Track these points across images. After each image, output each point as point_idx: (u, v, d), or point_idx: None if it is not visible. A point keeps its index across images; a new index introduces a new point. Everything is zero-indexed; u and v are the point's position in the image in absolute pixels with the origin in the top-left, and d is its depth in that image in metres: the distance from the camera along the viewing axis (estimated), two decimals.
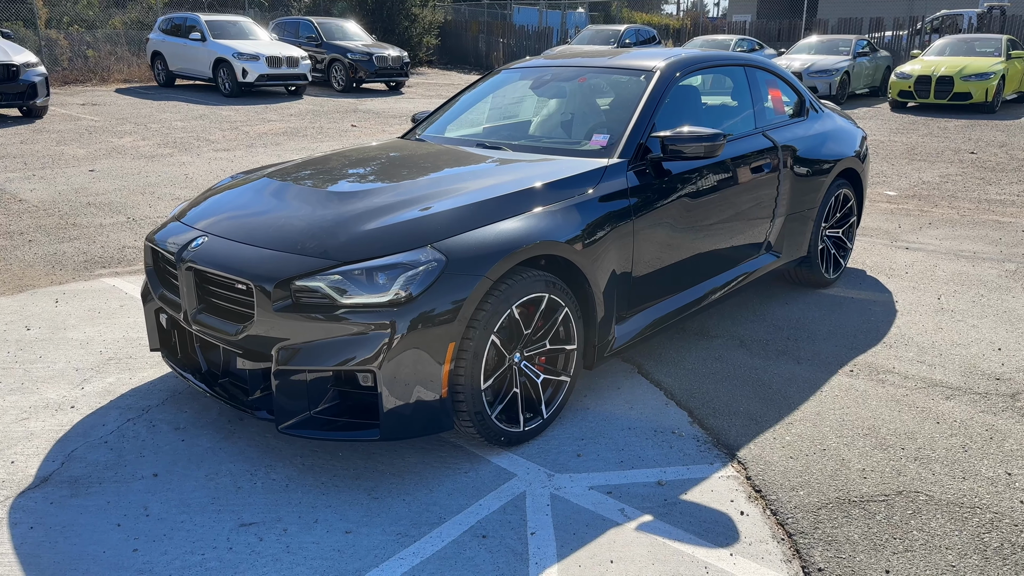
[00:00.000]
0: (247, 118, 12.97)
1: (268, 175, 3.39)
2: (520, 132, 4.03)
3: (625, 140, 3.43)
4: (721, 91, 4.39)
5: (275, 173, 3.43)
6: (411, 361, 2.55)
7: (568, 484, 2.73)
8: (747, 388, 3.48)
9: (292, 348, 2.58)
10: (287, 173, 3.40)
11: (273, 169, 3.56)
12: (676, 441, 3.03)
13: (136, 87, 17.36)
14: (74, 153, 9.41)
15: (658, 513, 2.57)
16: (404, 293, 2.55)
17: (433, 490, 2.69)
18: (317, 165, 3.55)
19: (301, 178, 3.28)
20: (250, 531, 2.46)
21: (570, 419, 3.20)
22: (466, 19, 27.65)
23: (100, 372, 3.60)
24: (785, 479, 2.75)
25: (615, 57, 4.11)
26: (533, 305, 2.88)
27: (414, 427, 2.64)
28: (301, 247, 2.68)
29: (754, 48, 18.91)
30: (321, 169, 3.45)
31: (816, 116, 4.74)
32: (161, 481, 2.73)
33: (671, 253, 3.54)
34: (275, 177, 3.33)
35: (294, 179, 3.28)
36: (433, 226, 2.73)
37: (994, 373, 3.63)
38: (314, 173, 3.39)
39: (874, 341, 4.01)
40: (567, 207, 3.04)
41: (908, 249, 5.73)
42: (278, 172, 3.44)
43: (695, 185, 3.61)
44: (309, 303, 2.58)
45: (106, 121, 12.13)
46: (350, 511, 2.57)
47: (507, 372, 2.88)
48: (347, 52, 17.52)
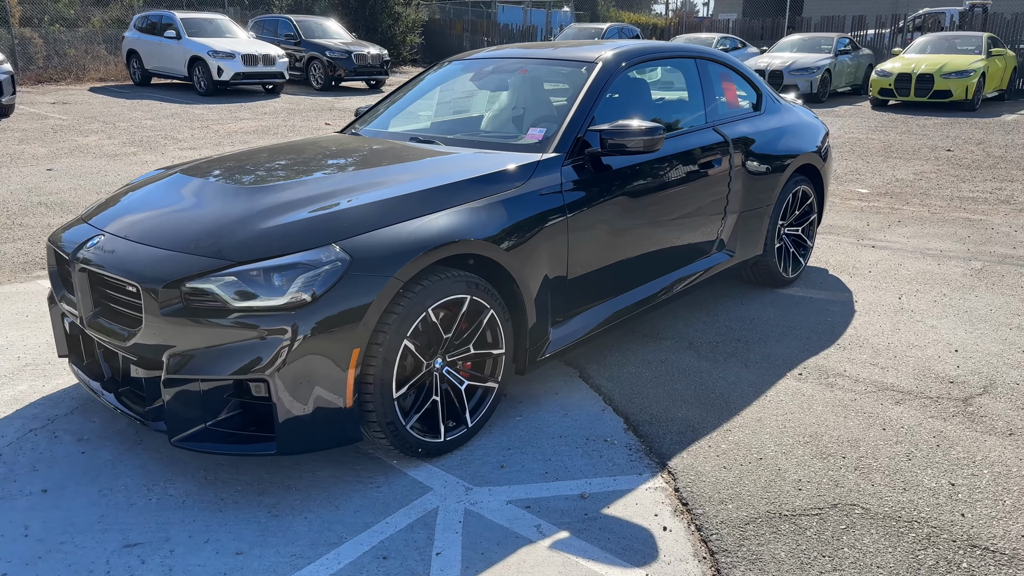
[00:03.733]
0: (220, 116, 12.76)
1: (182, 171, 3.21)
2: (457, 126, 3.86)
3: (561, 134, 3.27)
4: (673, 85, 4.23)
5: (190, 169, 3.26)
6: (310, 369, 2.37)
7: (486, 498, 2.56)
8: (689, 393, 3.32)
9: (184, 355, 2.41)
10: (202, 169, 3.22)
11: (190, 165, 3.38)
12: (607, 450, 2.87)
13: (111, 86, 17.12)
14: (35, 152, 9.19)
15: (576, 529, 2.40)
16: (303, 295, 2.38)
17: (339, 507, 2.51)
18: (236, 160, 3.37)
19: (215, 174, 3.10)
20: (133, 552, 2.28)
21: (500, 427, 3.03)
22: (450, 18, 27.46)
23: (12, 379, 3.41)
24: (715, 491, 2.59)
25: (559, 49, 3.95)
26: (454, 307, 2.71)
27: (316, 439, 2.47)
28: (195, 247, 2.51)
29: (737, 46, 18.80)
30: (238, 165, 3.27)
31: (774, 111, 4.59)
32: (49, 497, 2.55)
33: (612, 252, 3.38)
34: (188, 173, 3.15)
35: (207, 175, 3.10)
36: (339, 224, 2.56)
37: (948, 376, 3.48)
38: (230, 169, 3.21)
39: (828, 343, 3.86)
40: (491, 204, 2.87)
41: (874, 247, 5.59)
42: (193, 168, 3.26)
43: (637, 181, 3.45)
44: (201, 307, 2.40)
45: (73, 120, 11.90)
46: (245, 530, 2.39)
47: (426, 379, 2.71)
48: (326, 50, 17.32)
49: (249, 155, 3.48)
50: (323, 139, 3.81)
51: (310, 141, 3.76)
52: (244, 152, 3.58)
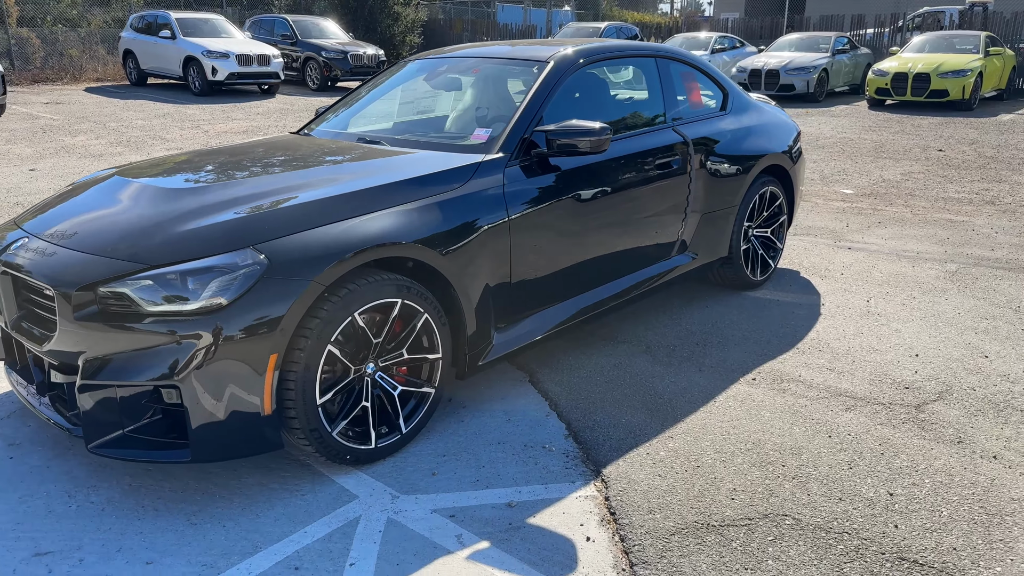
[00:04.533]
0: (211, 116, 12.75)
1: (119, 172, 3.17)
2: (408, 126, 3.81)
3: (507, 135, 3.21)
4: (633, 84, 4.16)
5: (127, 170, 3.22)
6: (224, 374, 2.32)
7: (411, 507, 2.51)
8: (637, 398, 3.26)
9: (98, 360, 2.36)
10: (137, 171, 3.17)
11: (127, 167, 3.34)
12: (543, 457, 2.81)
13: (107, 86, 17.14)
14: (20, 152, 9.19)
15: (497, 539, 2.35)
16: (218, 299, 2.33)
17: (260, 515, 2.47)
18: (174, 162, 3.32)
19: (149, 177, 3.06)
20: (42, 561, 2.24)
21: (439, 432, 2.98)
22: (450, 17, 27.41)
23: None
24: (645, 500, 2.53)
25: (515, 48, 3.89)
26: (384, 311, 2.66)
27: (232, 446, 2.42)
28: (113, 250, 2.46)
29: (735, 45, 18.68)
30: (176, 166, 3.23)
31: (741, 111, 4.51)
32: None
33: (561, 255, 3.32)
34: (125, 175, 3.11)
35: (143, 176, 3.05)
36: (259, 226, 2.51)
37: (905, 381, 3.40)
38: (167, 171, 3.17)
39: (787, 347, 3.79)
40: (426, 206, 2.82)
41: (850, 249, 5.51)
42: (129, 170, 3.22)
43: (588, 182, 3.39)
44: (116, 311, 2.35)
45: (64, 120, 11.91)
46: (160, 538, 2.35)
47: (355, 384, 2.66)
48: (322, 50, 17.30)
49: (191, 157, 3.43)
50: (271, 140, 3.76)
51: (257, 142, 3.72)
52: (187, 153, 3.54)
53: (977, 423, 3.04)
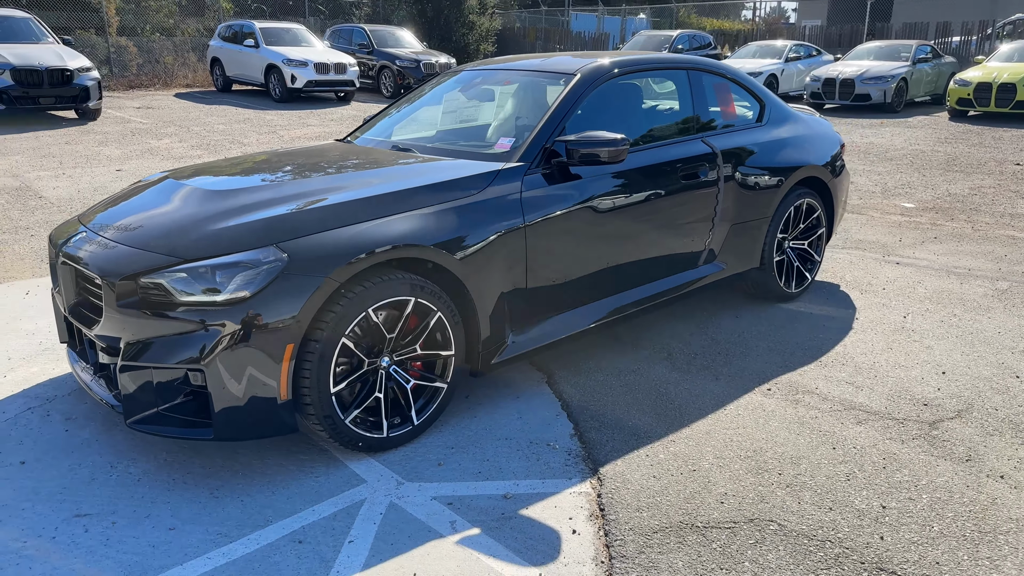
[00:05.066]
0: (288, 122, 13.33)
1: (172, 175, 3.46)
2: (441, 135, 3.99)
3: (528, 144, 3.35)
4: (663, 96, 4.23)
5: (179, 172, 3.51)
6: (244, 361, 2.54)
7: (413, 493, 2.67)
8: (648, 402, 3.33)
9: (138, 344, 2.62)
10: (187, 174, 3.46)
11: (180, 170, 3.63)
12: (546, 453, 2.93)
13: (195, 92, 18.12)
14: (110, 153, 9.87)
15: (488, 527, 2.48)
16: (242, 292, 2.55)
17: (275, 492, 2.68)
18: (221, 166, 3.60)
19: (196, 179, 3.33)
20: (80, 522, 2.50)
21: (451, 426, 3.14)
22: (525, 26, 27.72)
23: (29, 361, 3.74)
24: (636, 499, 2.62)
25: (545, 60, 4.03)
26: (398, 308, 2.83)
27: (251, 428, 2.64)
28: (154, 245, 2.73)
29: (811, 54, 18.25)
30: (221, 170, 3.50)
31: (779, 122, 4.52)
32: (26, 469, 2.81)
33: (580, 261, 3.43)
34: (176, 176, 3.40)
35: (191, 179, 3.33)
36: (284, 226, 2.73)
37: (924, 398, 3.37)
38: (213, 174, 3.44)
39: (810, 359, 3.79)
40: (443, 210, 2.99)
41: (898, 264, 5.40)
42: (183, 172, 3.51)
43: (609, 191, 3.49)
44: (154, 300, 2.61)
45: (152, 124, 12.68)
46: (184, 508, 2.58)
47: (370, 376, 2.85)
48: (396, 59, 17.82)
49: (236, 161, 3.71)
50: (314, 147, 4.01)
51: (301, 148, 3.97)
52: (235, 158, 3.82)
53: (991, 442, 2.99)
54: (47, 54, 11.83)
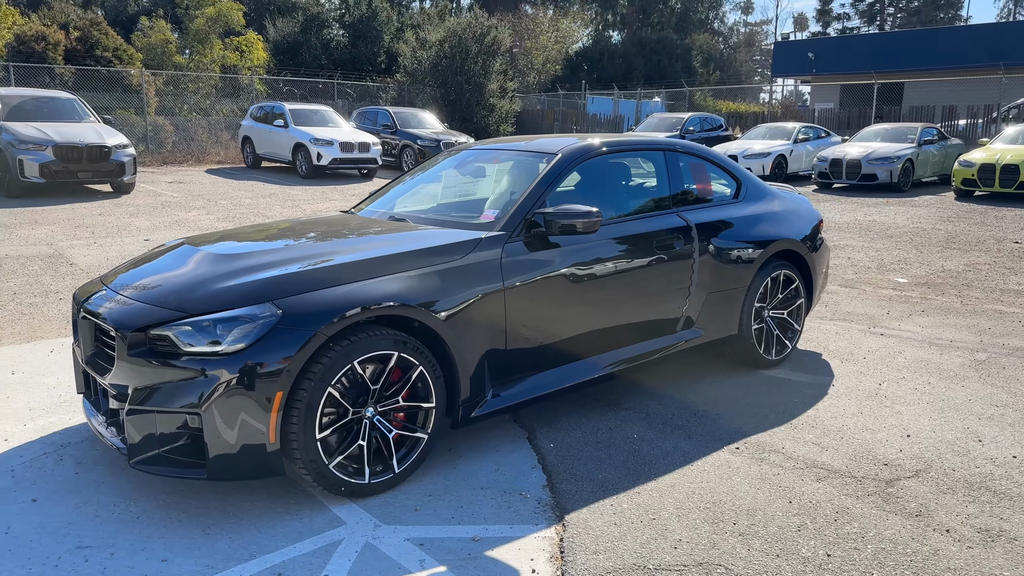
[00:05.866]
0: (312, 197, 13.94)
1: (187, 240, 3.81)
2: (434, 207, 4.33)
3: (510, 215, 3.67)
4: (641, 174, 4.56)
5: (195, 239, 3.86)
6: (236, 408, 2.80)
7: (388, 535, 2.87)
8: (620, 458, 3.52)
9: (144, 390, 2.90)
10: (202, 240, 3.80)
11: (196, 236, 3.98)
12: (517, 502, 3.12)
13: (226, 168, 18.98)
14: (140, 224, 10.41)
15: (454, 565, 2.67)
16: (239, 344, 2.84)
17: (262, 531, 2.89)
18: (232, 234, 3.95)
19: (208, 244, 3.67)
20: (82, 553, 2.73)
21: (431, 474, 3.34)
22: (543, 108, 28.79)
23: (48, 412, 4.03)
24: (595, 543, 2.79)
25: (532, 141, 4.39)
26: (381, 362, 3.09)
27: (241, 469, 2.88)
28: (165, 301, 3.04)
29: (820, 135, 18.77)
30: (231, 236, 3.85)
31: (755, 199, 4.81)
32: (37, 505, 3.06)
33: (557, 324, 3.69)
34: (191, 242, 3.74)
35: (204, 244, 3.67)
36: (281, 285, 3.03)
37: (886, 458, 3.52)
38: (225, 240, 3.78)
39: (781, 422, 3.96)
40: (428, 273, 3.28)
41: (882, 335, 5.58)
42: (196, 239, 3.86)
43: (586, 259, 3.78)
44: (161, 350, 2.90)
45: (183, 197, 13.33)
46: (177, 543, 2.80)
47: (354, 424, 3.08)
48: (417, 139, 18.62)
49: (247, 230, 4.06)
50: (320, 217, 4.37)
51: (308, 219, 4.33)
52: (247, 227, 4.18)
53: (943, 500, 3.13)
54: (87, 132, 12.61)
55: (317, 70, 27.99)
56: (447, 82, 24.00)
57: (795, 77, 34.34)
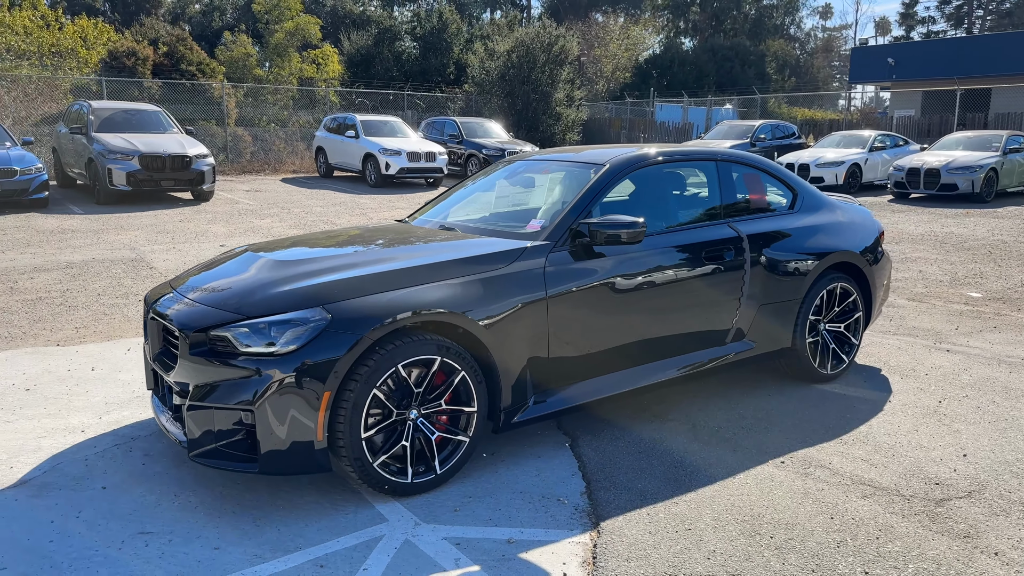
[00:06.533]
0: (379, 205, 14.30)
1: (250, 247, 4.02)
2: (483, 217, 4.42)
3: (555, 225, 3.73)
4: (692, 184, 4.55)
5: (257, 245, 4.06)
6: (287, 405, 2.96)
7: (427, 534, 2.97)
8: (660, 468, 3.53)
9: (204, 387, 3.08)
10: (265, 246, 4.00)
11: (260, 243, 4.19)
12: (555, 507, 3.17)
13: (300, 177, 19.65)
14: (216, 231, 10.91)
15: (488, 565, 2.74)
16: (291, 345, 2.99)
17: (308, 524, 3.03)
18: (292, 240, 4.14)
19: (270, 250, 3.86)
20: (143, 538, 2.92)
21: (473, 477, 3.43)
22: (611, 116, 28.71)
23: (122, 407, 4.30)
24: (629, 551, 2.82)
25: (583, 152, 4.44)
26: (425, 366, 3.20)
27: (291, 465, 3.02)
28: (225, 304, 3.22)
29: (897, 144, 18.13)
30: (291, 244, 4.03)
31: (812, 210, 4.74)
32: (106, 493, 3.28)
33: (601, 333, 3.72)
34: (254, 249, 3.94)
35: (265, 251, 3.86)
36: (332, 290, 3.17)
37: (938, 478, 3.42)
38: (284, 247, 3.97)
39: (831, 437, 3.89)
40: (471, 281, 3.37)
41: (948, 351, 5.38)
42: (259, 245, 4.06)
43: (630, 269, 3.80)
44: (221, 350, 3.08)
45: (258, 205, 13.88)
46: (230, 532, 2.96)
47: (398, 425, 3.20)
48: (482, 148, 18.86)
49: (307, 237, 4.24)
50: (375, 225, 4.53)
51: (364, 227, 4.49)
52: (307, 235, 4.37)
53: (995, 522, 3.03)
54: (171, 142, 13.29)
55: (389, 82, 28.67)
56: (514, 91, 24.23)
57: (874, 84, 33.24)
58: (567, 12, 44.06)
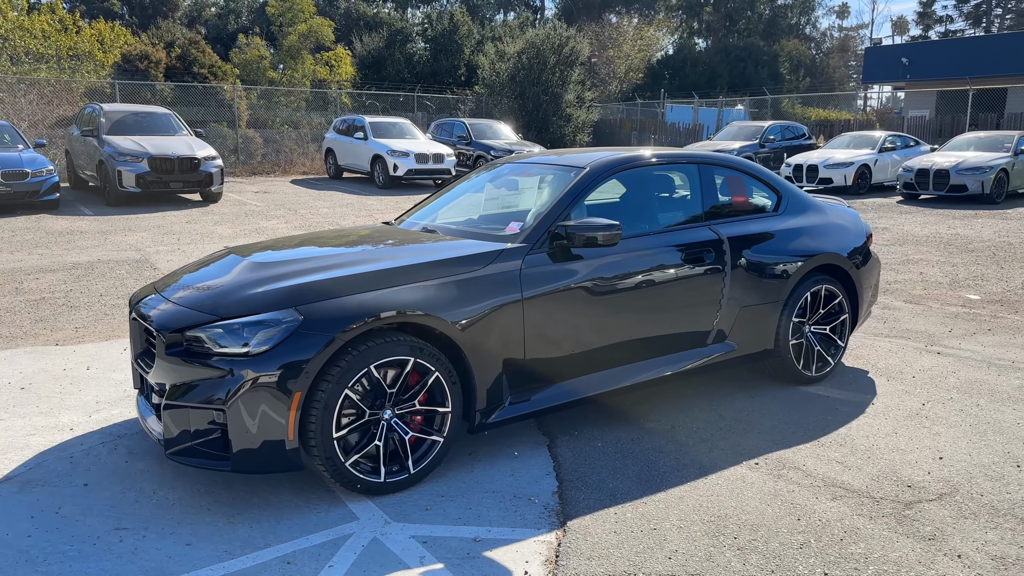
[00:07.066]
0: (386, 207, 14.38)
1: (232, 250, 4.08)
2: (466, 220, 4.46)
3: (533, 227, 3.77)
4: (674, 188, 4.56)
5: (240, 248, 4.12)
6: (258, 405, 3.01)
7: (395, 532, 3.01)
8: (634, 469, 3.55)
9: (180, 386, 3.15)
10: (248, 248, 4.06)
11: (241, 246, 4.26)
12: (525, 507, 3.21)
13: (309, 178, 19.80)
14: (222, 232, 11.03)
15: (451, 563, 2.78)
16: (263, 346, 3.05)
17: (280, 522, 3.08)
18: (277, 242, 4.20)
19: (251, 253, 3.92)
20: (118, 534, 2.99)
21: (448, 477, 3.47)
22: (621, 117, 28.68)
23: (112, 405, 4.38)
24: (591, 549, 2.85)
25: (566, 155, 4.47)
26: (398, 367, 3.25)
27: (262, 464, 3.08)
28: (202, 305, 3.28)
29: (908, 144, 17.99)
30: (273, 246, 4.09)
31: (797, 212, 4.74)
32: (88, 490, 3.35)
33: (579, 335, 3.75)
34: (236, 252, 4.01)
35: (246, 253, 3.92)
36: (305, 292, 3.23)
37: (910, 480, 3.42)
38: (265, 249, 4.03)
39: (809, 439, 3.89)
40: (446, 283, 3.42)
41: (938, 354, 5.36)
42: (240, 248, 4.12)
43: (610, 271, 3.83)
44: (195, 350, 3.14)
45: (265, 206, 14.01)
46: (203, 529, 3.03)
47: (371, 426, 3.25)
48: (491, 149, 18.91)
49: (291, 240, 4.30)
50: (355, 228, 4.59)
51: (346, 229, 4.55)
52: (288, 237, 4.43)
53: (962, 524, 3.03)
54: (180, 145, 13.45)
55: (400, 83, 28.81)
56: (524, 93, 24.27)
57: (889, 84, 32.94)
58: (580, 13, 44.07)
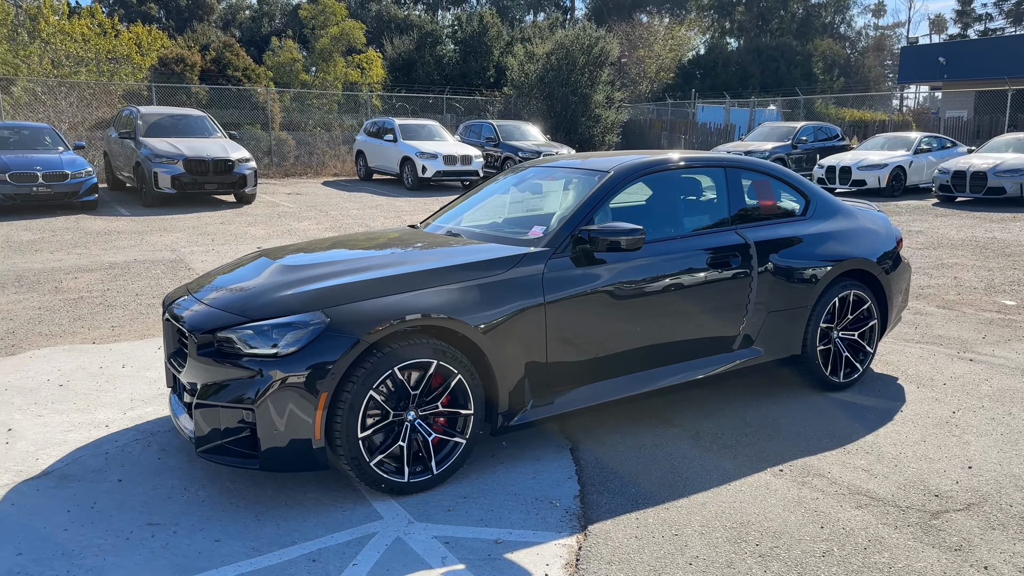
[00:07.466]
0: (414, 208, 14.49)
1: (263, 252, 4.17)
2: (489, 223, 4.49)
3: (556, 232, 3.79)
4: (699, 191, 4.55)
5: (270, 251, 4.20)
6: (286, 405, 3.08)
7: (418, 532, 3.06)
8: (657, 474, 3.56)
9: (211, 386, 3.22)
10: (275, 252, 4.14)
11: (272, 248, 4.34)
12: (546, 510, 3.23)
13: (341, 180, 20.01)
14: (255, 233, 11.21)
15: (473, 564, 2.82)
16: (291, 347, 3.11)
17: (306, 520, 3.15)
18: (302, 246, 4.27)
19: (281, 256, 4.00)
20: (150, 529, 3.07)
21: (470, 478, 3.51)
22: (651, 117, 28.52)
23: (146, 403, 4.49)
24: (612, 554, 2.86)
25: (590, 159, 4.49)
26: (421, 369, 3.29)
27: (290, 462, 3.15)
28: (232, 307, 3.36)
29: (945, 146, 17.65)
30: (303, 249, 4.17)
31: (825, 217, 4.70)
32: (122, 485, 3.45)
33: (602, 339, 3.77)
34: (267, 254, 4.09)
35: (276, 256, 4.00)
36: (332, 295, 3.29)
37: (938, 490, 3.37)
38: (294, 252, 4.10)
39: (835, 446, 3.86)
40: (469, 286, 3.45)
41: (971, 361, 5.27)
42: (271, 251, 4.20)
43: (633, 275, 3.84)
44: (226, 351, 3.22)
45: (298, 208, 14.20)
46: (231, 526, 3.10)
47: (395, 426, 3.30)
48: (519, 151, 18.95)
49: (319, 243, 4.37)
50: (384, 230, 4.64)
51: (374, 232, 4.61)
52: (318, 239, 4.50)
53: (990, 535, 2.99)
54: (214, 147, 13.70)
55: (429, 85, 28.99)
56: (553, 94, 24.28)
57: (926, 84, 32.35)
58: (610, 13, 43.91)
